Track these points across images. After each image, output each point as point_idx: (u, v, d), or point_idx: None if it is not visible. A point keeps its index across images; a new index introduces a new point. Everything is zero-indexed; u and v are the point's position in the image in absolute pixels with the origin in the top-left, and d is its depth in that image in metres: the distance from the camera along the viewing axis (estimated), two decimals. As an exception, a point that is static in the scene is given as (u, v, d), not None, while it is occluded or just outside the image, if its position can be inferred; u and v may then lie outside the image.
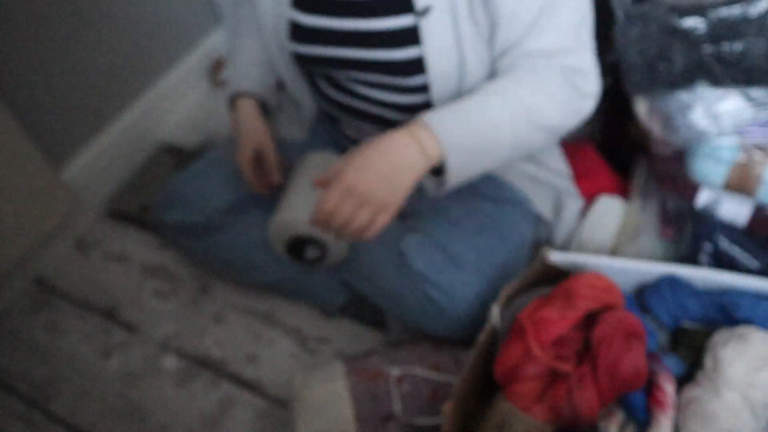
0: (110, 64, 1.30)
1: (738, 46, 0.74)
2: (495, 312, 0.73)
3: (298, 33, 0.87)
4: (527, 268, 0.77)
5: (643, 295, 0.75)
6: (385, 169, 0.70)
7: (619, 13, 0.85)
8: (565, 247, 1.03)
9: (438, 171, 0.76)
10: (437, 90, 0.82)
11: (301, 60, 0.91)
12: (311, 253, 0.92)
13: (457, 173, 0.75)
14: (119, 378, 1.10)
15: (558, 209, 1.00)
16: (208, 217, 1.00)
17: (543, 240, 1.03)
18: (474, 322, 0.85)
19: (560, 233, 1.02)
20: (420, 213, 0.94)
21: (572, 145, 1.22)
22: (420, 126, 0.73)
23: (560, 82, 0.77)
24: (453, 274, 0.85)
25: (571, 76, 0.77)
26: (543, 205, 0.97)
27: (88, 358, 1.13)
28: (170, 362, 1.10)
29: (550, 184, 0.98)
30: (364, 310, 1.10)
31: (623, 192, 1.08)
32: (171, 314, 1.17)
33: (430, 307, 0.86)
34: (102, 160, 1.34)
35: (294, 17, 0.86)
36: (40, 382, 1.11)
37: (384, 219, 0.72)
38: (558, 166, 1.00)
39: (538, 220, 0.98)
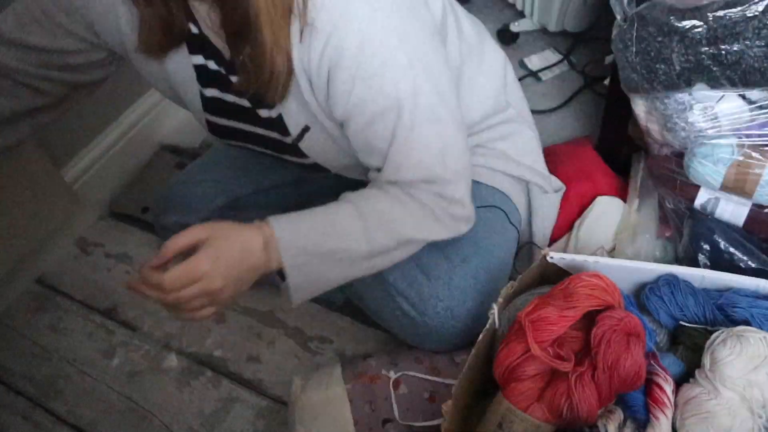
0: (112, 64, 1.31)
1: (736, 47, 0.74)
2: (495, 311, 0.73)
3: (208, 104, 0.84)
4: (527, 269, 0.78)
5: (642, 295, 0.75)
6: (241, 273, 0.70)
7: (618, 14, 0.85)
8: (543, 242, 1.03)
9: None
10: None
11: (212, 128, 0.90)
12: None
13: (299, 279, 0.73)
14: (121, 377, 1.10)
15: (531, 204, 1.00)
16: (204, 217, 1.00)
17: (526, 238, 1.03)
18: (449, 335, 0.85)
19: (538, 230, 1.01)
20: None
21: (572, 145, 1.22)
22: (268, 226, 0.72)
23: (427, 201, 0.75)
24: (423, 287, 0.84)
25: (441, 202, 0.76)
26: (519, 201, 0.97)
27: (89, 358, 1.13)
28: (171, 362, 1.11)
29: (522, 180, 0.98)
30: None
31: (622, 192, 1.08)
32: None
33: (404, 319, 0.87)
34: (103, 160, 1.34)
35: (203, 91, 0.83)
36: (42, 381, 1.11)
37: (213, 311, 0.72)
38: (529, 161, 0.99)
39: (520, 216, 0.98)
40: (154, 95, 1.43)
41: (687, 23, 0.77)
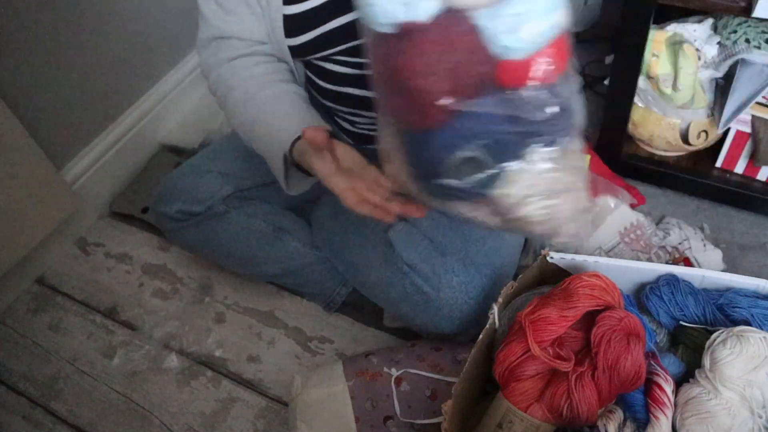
0: (112, 66, 1.31)
1: None
2: (495, 311, 0.73)
3: (291, 25, 0.86)
4: (527, 268, 0.78)
5: (642, 295, 0.75)
6: None
7: None
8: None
9: None
10: None
11: (298, 51, 0.91)
12: None
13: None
14: (121, 377, 1.10)
15: None
16: (208, 206, 1.01)
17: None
18: (461, 313, 0.85)
19: None
20: None
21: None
22: None
23: None
24: (437, 262, 0.84)
25: None
26: None
27: (90, 358, 1.13)
28: (172, 362, 1.11)
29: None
30: (365, 302, 1.11)
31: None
32: (172, 314, 1.18)
33: (417, 296, 0.86)
34: (104, 160, 1.34)
35: (286, 12, 0.85)
36: (42, 381, 1.11)
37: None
38: None
39: None
40: (154, 95, 1.43)
41: None
